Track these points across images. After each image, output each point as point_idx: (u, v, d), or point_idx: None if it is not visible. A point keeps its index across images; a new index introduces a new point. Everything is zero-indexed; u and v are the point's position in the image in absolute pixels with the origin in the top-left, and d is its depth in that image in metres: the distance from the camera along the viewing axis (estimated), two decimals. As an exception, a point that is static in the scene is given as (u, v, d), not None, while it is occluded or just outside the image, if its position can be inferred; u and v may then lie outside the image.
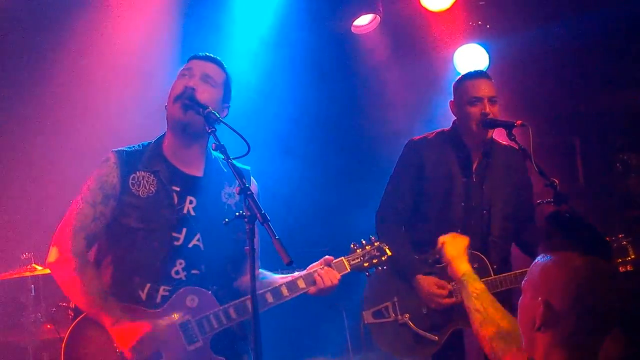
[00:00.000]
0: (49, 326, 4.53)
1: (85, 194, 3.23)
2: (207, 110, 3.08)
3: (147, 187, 3.26)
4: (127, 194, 3.23)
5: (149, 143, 3.36)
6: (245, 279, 3.30)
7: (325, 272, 3.33)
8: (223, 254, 3.31)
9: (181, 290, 3.21)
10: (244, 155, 3.03)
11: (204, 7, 5.46)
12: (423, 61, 5.93)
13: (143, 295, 3.19)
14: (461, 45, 5.83)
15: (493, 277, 4.03)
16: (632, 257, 3.91)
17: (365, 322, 4.11)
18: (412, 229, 4.30)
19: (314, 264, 3.38)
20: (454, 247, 3.18)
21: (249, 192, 2.78)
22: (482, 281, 3.98)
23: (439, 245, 3.23)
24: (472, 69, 4.37)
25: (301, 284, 3.30)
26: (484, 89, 4.13)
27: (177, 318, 3.19)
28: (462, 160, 4.21)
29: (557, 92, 5.84)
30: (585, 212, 4.01)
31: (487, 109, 4.09)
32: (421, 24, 5.84)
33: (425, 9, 5.75)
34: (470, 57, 5.73)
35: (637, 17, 5.44)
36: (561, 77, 5.78)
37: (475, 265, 4.08)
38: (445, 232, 4.15)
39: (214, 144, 2.99)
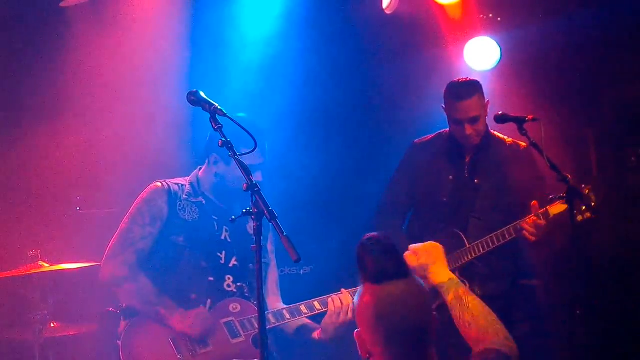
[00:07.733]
0: (54, 324, 4.52)
1: (133, 216, 3.70)
2: (214, 107, 3.07)
3: (192, 214, 3.78)
4: (175, 217, 3.73)
5: (189, 177, 3.89)
6: (270, 300, 3.89)
7: (339, 296, 3.61)
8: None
9: (225, 299, 3.71)
10: (250, 152, 3.05)
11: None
12: (433, 55, 5.87)
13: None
14: (472, 38, 5.77)
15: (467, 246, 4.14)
16: (594, 204, 4.02)
17: None
18: (410, 227, 4.52)
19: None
20: (429, 254, 2.85)
21: (256, 189, 2.79)
22: (456, 253, 4.01)
23: (407, 254, 2.82)
24: (457, 81, 4.37)
25: (317, 305, 3.68)
26: (464, 110, 4.19)
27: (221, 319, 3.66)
28: (454, 158, 4.34)
29: (570, 84, 5.77)
30: (598, 206, 4.00)
31: (468, 132, 4.19)
32: (431, 17, 5.79)
33: (436, 2, 5.70)
34: (481, 51, 5.66)
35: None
36: (574, 70, 5.71)
37: (453, 240, 4.13)
38: (432, 228, 4.23)
39: (220, 141, 2.99)
